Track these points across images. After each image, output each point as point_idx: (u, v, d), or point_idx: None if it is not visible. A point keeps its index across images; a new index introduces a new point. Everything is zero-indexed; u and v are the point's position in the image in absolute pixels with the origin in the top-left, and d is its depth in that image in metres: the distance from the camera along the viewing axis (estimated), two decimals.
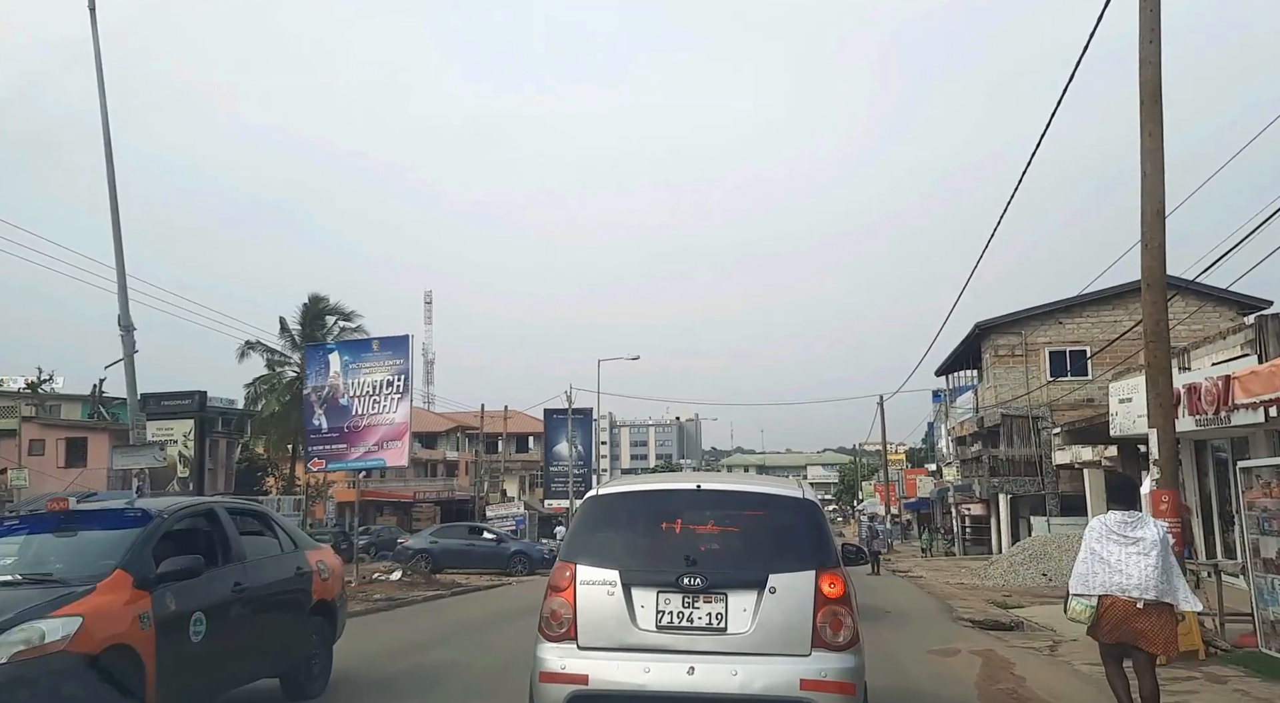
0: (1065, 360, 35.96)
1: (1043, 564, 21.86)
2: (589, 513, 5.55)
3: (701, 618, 4.94)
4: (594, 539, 5.33)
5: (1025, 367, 36.24)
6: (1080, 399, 35.61)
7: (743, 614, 4.91)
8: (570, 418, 35.83)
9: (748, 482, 6.27)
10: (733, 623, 4.92)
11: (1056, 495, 35.20)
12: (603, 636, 4.98)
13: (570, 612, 5.04)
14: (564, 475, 35.59)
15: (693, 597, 4.95)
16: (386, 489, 56.77)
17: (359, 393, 20.63)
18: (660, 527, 5.25)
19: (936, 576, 26.06)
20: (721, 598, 4.94)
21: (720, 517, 5.26)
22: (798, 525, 5.25)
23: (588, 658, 4.95)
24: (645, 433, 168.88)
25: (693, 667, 4.82)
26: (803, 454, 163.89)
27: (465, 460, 68.22)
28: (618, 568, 5.06)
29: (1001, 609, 15.72)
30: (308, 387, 22.92)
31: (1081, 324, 36.09)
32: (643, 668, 4.85)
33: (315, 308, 47.32)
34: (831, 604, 4.92)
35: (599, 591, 5.03)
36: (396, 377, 20.29)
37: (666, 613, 4.96)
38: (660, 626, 4.95)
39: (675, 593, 4.95)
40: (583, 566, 5.13)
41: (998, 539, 37.86)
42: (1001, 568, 22.79)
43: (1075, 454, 31.05)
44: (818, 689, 4.78)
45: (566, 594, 5.08)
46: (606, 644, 4.96)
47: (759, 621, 4.89)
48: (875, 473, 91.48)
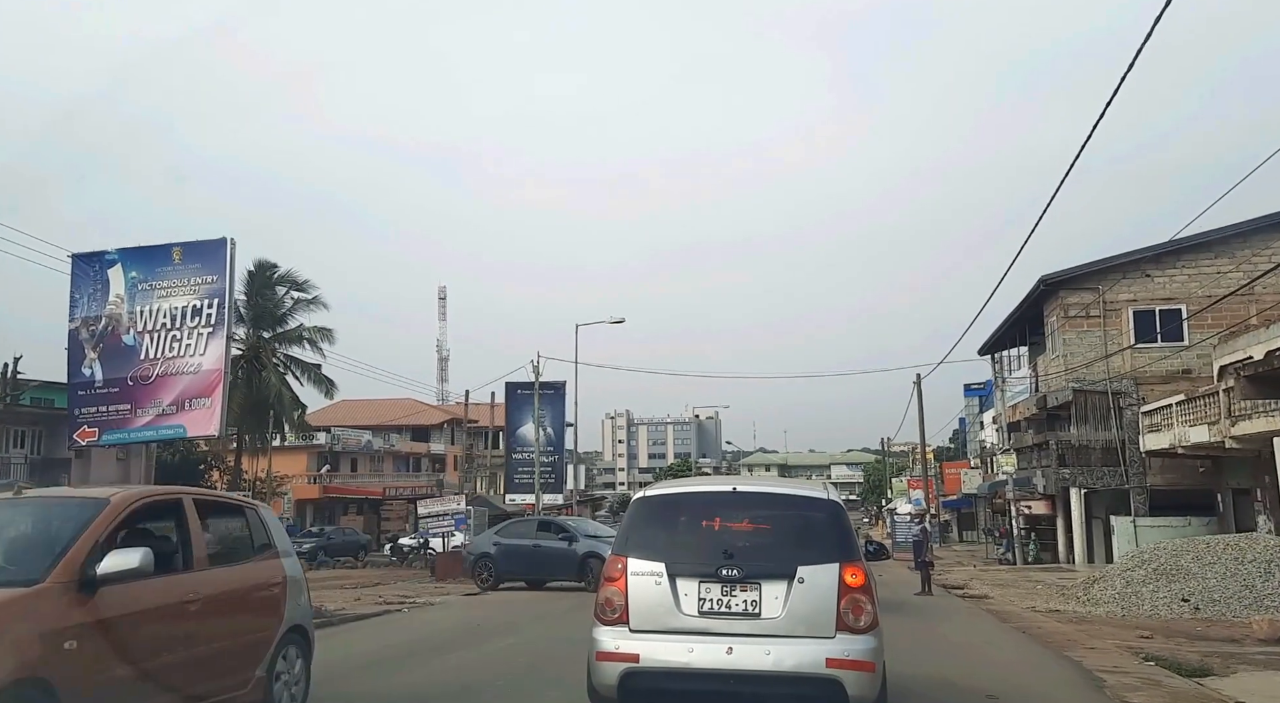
0: (1154, 322, 29.00)
1: (1179, 584, 15.05)
2: (638, 512, 6.11)
3: (738, 605, 5.49)
4: (643, 535, 5.90)
5: (1103, 330, 29.30)
6: (1173, 370, 28.69)
7: (775, 601, 5.46)
8: (537, 393, 29.12)
9: (778, 484, 6.84)
10: (766, 609, 5.46)
11: (1145, 490, 28.26)
12: (651, 620, 5.54)
13: (622, 599, 5.60)
14: (529, 464, 28.92)
15: (730, 586, 5.51)
16: (354, 485, 50.52)
17: (150, 326, 14.22)
18: (701, 524, 5.87)
19: (1008, 597, 19.24)
20: (756, 587, 5.50)
21: (754, 516, 5.86)
22: (823, 523, 5.78)
23: (638, 640, 5.51)
24: (664, 431, 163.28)
25: (731, 647, 5.37)
26: (826, 454, 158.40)
27: (453, 454, 61.91)
28: (664, 561, 5.63)
29: (1178, 676, 8.95)
30: (74, 319, 16.06)
31: (1175, 278, 29.11)
32: (687, 648, 5.42)
33: (262, 276, 40.85)
34: (853, 593, 5.44)
35: (648, 581, 5.60)
36: (207, 302, 13.95)
37: (707, 600, 5.51)
38: (702, 612, 5.50)
39: (715, 583, 5.52)
40: (633, 558, 5.71)
41: (1066, 544, 30.88)
42: (1112, 589, 15.95)
43: (1179, 436, 24.11)
44: (842, 667, 5.28)
45: (619, 584, 5.65)
46: (655, 628, 5.52)
47: (789, 607, 5.44)
48: (904, 470, 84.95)
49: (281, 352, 42.57)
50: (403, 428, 67.75)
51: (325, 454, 51.53)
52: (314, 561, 35.44)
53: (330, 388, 42.84)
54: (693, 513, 5.99)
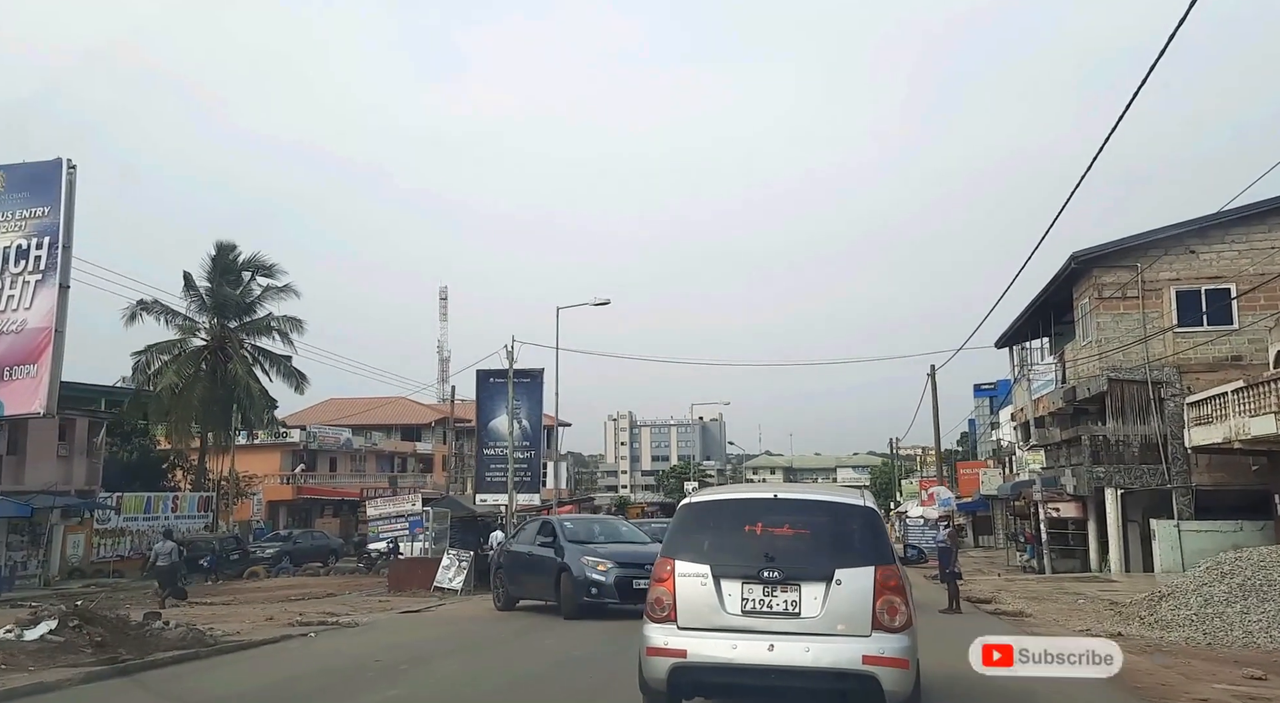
0: (1199, 302, 26.02)
1: (1274, 604, 12.09)
2: (684, 518, 6.43)
3: (779, 605, 5.78)
4: (689, 539, 6.19)
5: (1141, 313, 26.30)
6: (1221, 356, 25.72)
7: (814, 602, 5.73)
8: (511, 381, 26.08)
9: (816, 491, 7.04)
10: (805, 609, 5.74)
11: (1190, 491, 25.28)
12: (697, 618, 5.84)
13: (670, 599, 5.92)
14: (501, 461, 25.96)
15: (771, 587, 5.79)
16: (330, 486, 47.58)
17: None
18: (744, 529, 6.09)
19: (1049, 614, 16.30)
20: (795, 588, 5.77)
21: (794, 521, 6.10)
22: (859, 528, 6.11)
23: (686, 636, 5.81)
24: (667, 433, 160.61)
25: (772, 644, 5.66)
26: (831, 457, 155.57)
27: (440, 454, 59.08)
28: (709, 563, 5.93)
29: None
30: None
31: (1223, 253, 26.11)
32: (731, 645, 5.72)
33: (225, 259, 38.13)
34: (888, 594, 5.70)
35: (694, 582, 5.89)
36: (36, 242, 10.90)
37: (750, 600, 5.81)
38: (745, 611, 5.81)
39: (757, 584, 5.81)
40: (680, 561, 6.01)
41: (1099, 550, 27.89)
42: (1186, 608, 12.98)
43: (1237, 429, 21.13)
44: (877, 664, 5.54)
45: (667, 585, 5.97)
46: (701, 625, 5.83)
47: (827, 607, 5.70)
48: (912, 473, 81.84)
49: (249, 343, 39.86)
50: (393, 427, 65.11)
51: (301, 453, 48.63)
52: (275, 567, 32.60)
53: (301, 382, 40.16)
54: (736, 518, 6.24)
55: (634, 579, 13.73)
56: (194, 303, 38.29)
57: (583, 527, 17.17)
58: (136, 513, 34.00)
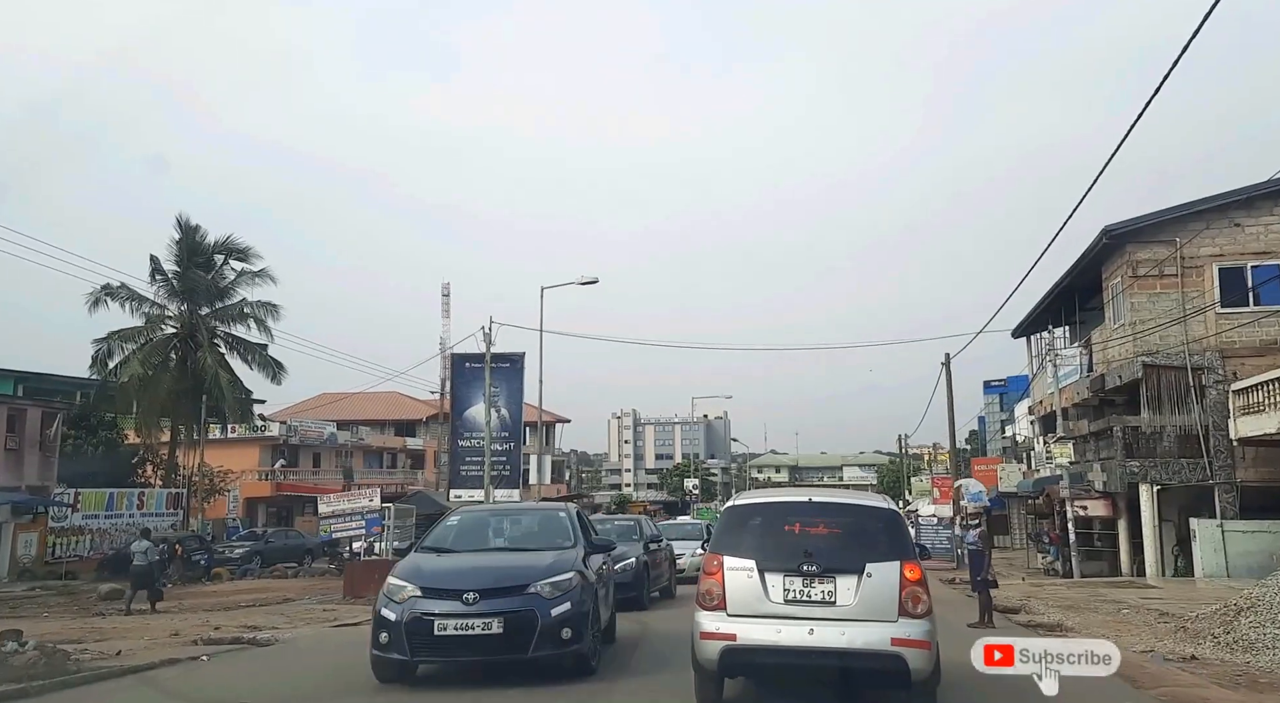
0: (1244, 280, 23.68)
1: None
2: (729, 518, 7.35)
3: (817, 595, 6.54)
4: (735, 537, 7.00)
5: (1180, 292, 23.95)
6: (1270, 338, 23.41)
7: (847, 592, 6.51)
8: (488, 366, 23.78)
9: (847, 495, 8.12)
10: (840, 598, 6.51)
11: (1234, 487, 22.96)
12: (745, 606, 6.61)
13: (720, 590, 6.68)
14: (478, 453, 23.64)
15: (810, 579, 6.56)
16: (311, 482, 45.33)
17: None
18: (783, 528, 6.91)
19: (1091, 627, 13.99)
20: (831, 580, 6.55)
21: (828, 521, 6.92)
22: (885, 528, 7.04)
23: (735, 622, 6.58)
24: (670, 431, 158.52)
25: (812, 629, 6.45)
26: (838, 456, 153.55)
27: (431, 449, 56.86)
28: (754, 558, 6.70)
29: None
30: None
31: (1272, 226, 23.77)
32: (775, 630, 6.50)
33: (191, 240, 35.90)
34: (912, 585, 6.51)
35: (741, 574, 6.67)
36: None
37: (791, 591, 6.58)
38: (786, 600, 6.56)
39: (797, 576, 6.57)
40: (727, 556, 6.78)
41: (1131, 552, 25.56)
42: (1273, 624, 10.69)
43: None
44: (904, 645, 6.36)
45: (716, 577, 6.73)
46: (748, 613, 6.59)
47: (859, 597, 6.49)
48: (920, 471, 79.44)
49: (222, 331, 37.72)
50: (386, 423, 62.99)
51: (281, 447, 46.38)
52: (242, 568, 30.40)
53: (278, 371, 37.95)
54: (775, 518, 7.07)
55: (453, 619, 7.84)
56: (163, 289, 36.15)
57: (471, 522, 10.29)
58: (98, 511, 31.81)
